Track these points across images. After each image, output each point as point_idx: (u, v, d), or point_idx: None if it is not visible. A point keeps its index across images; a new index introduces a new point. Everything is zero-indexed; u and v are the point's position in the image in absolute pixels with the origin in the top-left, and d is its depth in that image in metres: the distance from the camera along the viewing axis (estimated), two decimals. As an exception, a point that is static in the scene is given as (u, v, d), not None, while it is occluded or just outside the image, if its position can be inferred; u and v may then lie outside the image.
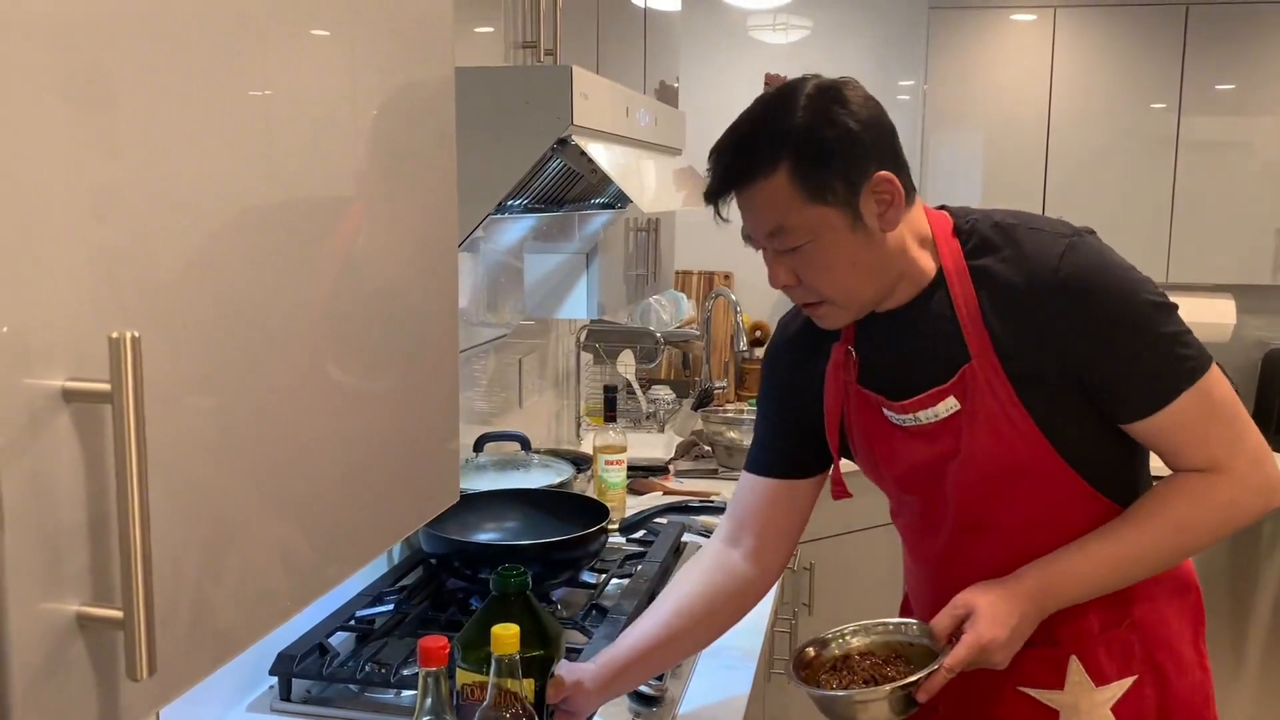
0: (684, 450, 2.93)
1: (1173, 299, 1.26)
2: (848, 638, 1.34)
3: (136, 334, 0.52)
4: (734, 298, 3.34)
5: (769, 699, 2.70)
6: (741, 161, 1.22)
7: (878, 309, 1.31)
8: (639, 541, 2.14)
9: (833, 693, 1.25)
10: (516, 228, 1.55)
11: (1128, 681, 1.33)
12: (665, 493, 2.60)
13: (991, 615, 1.21)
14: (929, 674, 1.21)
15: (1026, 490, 1.28)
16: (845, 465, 1.44)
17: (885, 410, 1.33)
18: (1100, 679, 1.32)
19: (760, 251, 1.29)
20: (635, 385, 3.13)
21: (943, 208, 1.33)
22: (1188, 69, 3.44)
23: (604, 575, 1.91)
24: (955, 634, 1.24)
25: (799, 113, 1.20)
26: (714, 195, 1.25)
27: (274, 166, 0.71)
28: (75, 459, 0.52)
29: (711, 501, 2.17)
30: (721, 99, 4.13)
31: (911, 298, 1.28)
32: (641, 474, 2.68)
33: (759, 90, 4.41)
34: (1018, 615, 1.22)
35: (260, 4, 0.69)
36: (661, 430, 3.09)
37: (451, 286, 1.00)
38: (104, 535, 0.54)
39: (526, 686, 1.22)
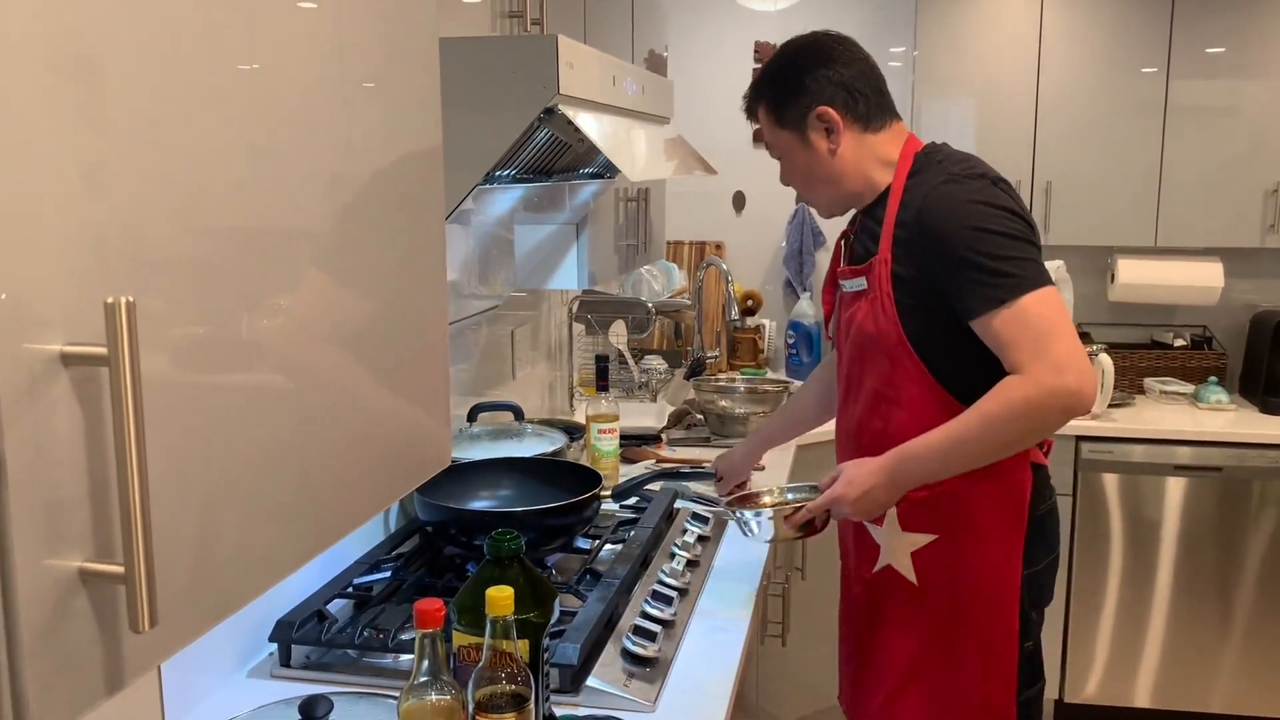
0: (676, 419, 2.95)
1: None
2: (776, 492, 1.80)
3: (131, 299, 0.53)
4: (725, 267, 3.35)
5: (761, 661, 2.74)
6: (749, 90, 1.74)
7: (858, 207, 1.74)
8: (632, 508, 2.16)
9: (732, 508, 1.76)
10: (505, 198, 1.56)
11: (928, 537, 1.68)
12: (658, 461, 2.62)
13: (849, 479, 1.60)
14: (794, 509, 1.66)
15: (882, 361, 1.66)
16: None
17: (838, 273, 1.78)
18: (908, 526, 1.69)
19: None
20: (627, 355, 3.14)
21: (943, 145, 1.71)
22: (1176, 32, 3.44)
23: (598, 541, 1.94)
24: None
25: (772, 65, 1.72)
26: (747, 113, 1.77)
27: (261, 139, 0.72)
28: (75, 420, 0.54)
29: (703, 467, 2.19)
30: (712, 67, 4.14)
31: (873, 200, 1.70)
32: (634, 443, 2.71)
33: (749, 58, 4.39)
34: (870, 484, 1.58)
35: None
36: (654, 400, 3.11)
37: (439, 256, 1.02)
38: (104, 494, 0.56)
39: (521, 647, 1.24)
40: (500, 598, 1.17)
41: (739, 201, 3.93)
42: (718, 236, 3.96)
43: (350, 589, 1.73)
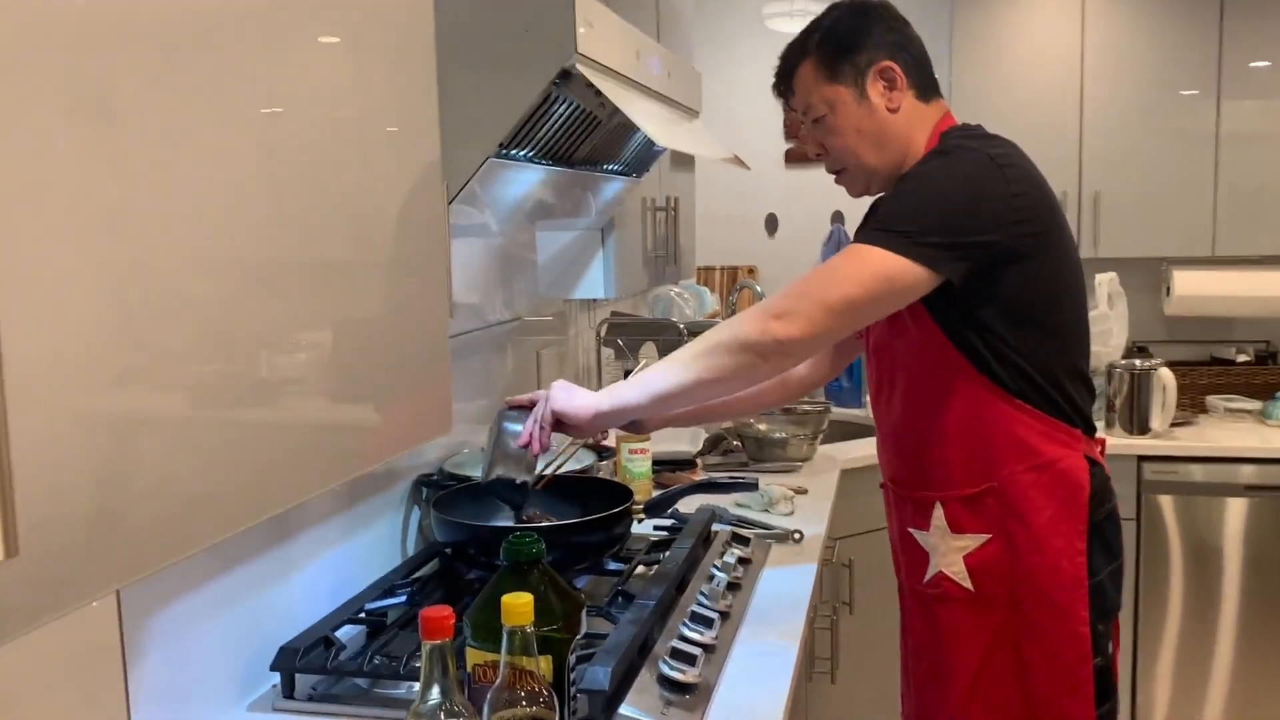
0: (713, 444, 2.81)
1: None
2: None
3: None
4: (759, 289, 3.23)
5: (811, 701, 2.56)
6: (789, 52, 1.63)
7: (887, 190, 1.59)
8: (666, 529, 2.01)
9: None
10: (522, 180, 1.44)
11: (982, 537, 1.56)
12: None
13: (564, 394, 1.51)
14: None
15: (908, 327, 1.55)
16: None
17: None
18: (956, 528, 1.58)
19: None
20: (659, 380, 3.01)
21: (976, 126, 1.62)
22: (1226, 48, 3.30)
23: (630, 563, 1.79)
24: None
25: (824, 21, 1.61)
26: (778, 83, 1.64)
27: (278, 175, 0.65)
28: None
29: (742, 479, 2.04)
30: (741, 91, 4.04)
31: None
32: (669, 468, 2.57)
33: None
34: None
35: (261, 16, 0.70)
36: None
37: (437, 201, 0.90)
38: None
39: (543, 665, 1.10)
40: (517, 606, 1.03)
41: (771, 224, 3.81)
42: (750, 260, 3.84)
43: (362, 614, 1.59)
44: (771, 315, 1.39)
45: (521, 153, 1.41)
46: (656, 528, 2.02)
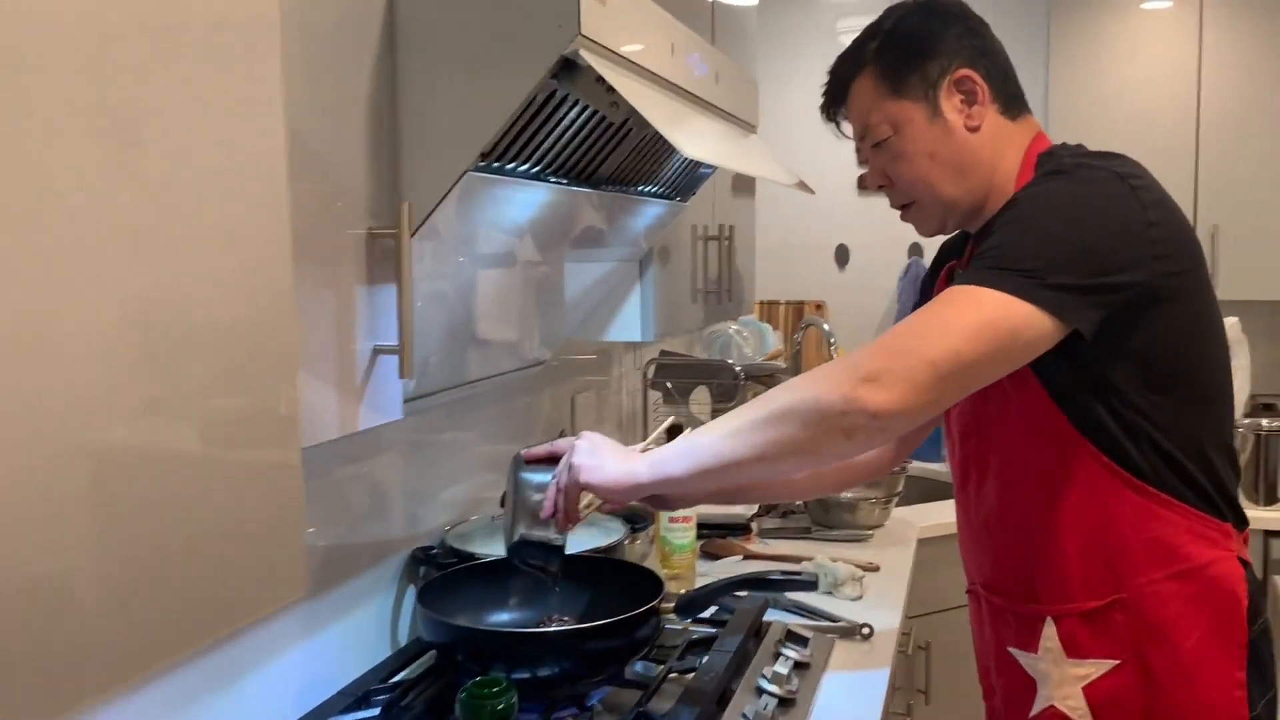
0: (770, 505, 2.48)
1: None
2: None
3: None
4: (827, 328, 2.90)
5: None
6: (841, 64, 1.35)
7: (971, 229, 1.35)
8: (709, 621, 1.69)
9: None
10: (522, 200, 1.15)
11: (1108, 664, 1.26)
12: (746, 556, 2.15)
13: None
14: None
15: (1008, 394, 1.26)
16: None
17: None
18: (1074, 651, 1.28)
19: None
20: (713, 429, 2.69)
21: (1077, 146, 1.32)
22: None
23: (661, 667, 1.48)
24: None
25: (888, 19, 1.33)
26: (827, 104, 1.37)
27: None
28: None
29: (799, 574, 1.71)
30: (807, 109, 3.72)
31: (990, 219, 1.28)
32: (718, 534, 2.25)
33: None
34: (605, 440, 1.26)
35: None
36: (744, 482, 2.64)
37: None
38: None
39: None
40: (463, 800, 0.73)
41: (842, 256, 3.48)
42: (818, 295, 3.52)
43: (325, 731, 1.30)
44: (860, 378, 1.07)
45: (519, 166, 1.11)
46: (697, 620, 1.70)
